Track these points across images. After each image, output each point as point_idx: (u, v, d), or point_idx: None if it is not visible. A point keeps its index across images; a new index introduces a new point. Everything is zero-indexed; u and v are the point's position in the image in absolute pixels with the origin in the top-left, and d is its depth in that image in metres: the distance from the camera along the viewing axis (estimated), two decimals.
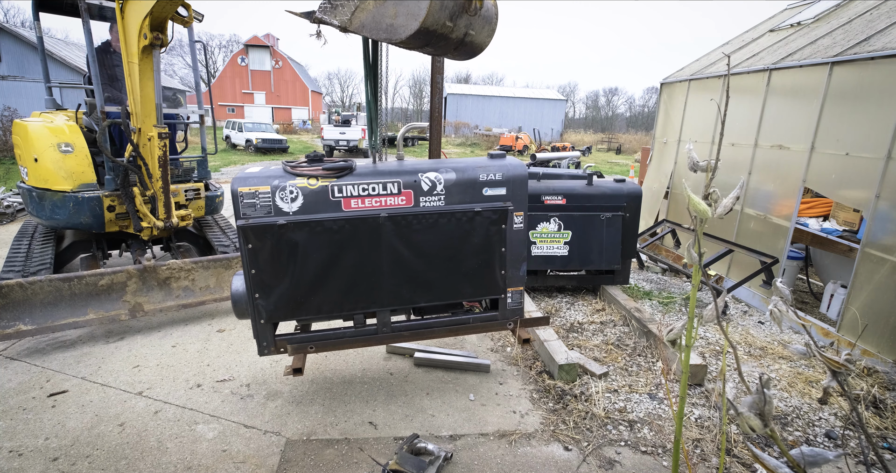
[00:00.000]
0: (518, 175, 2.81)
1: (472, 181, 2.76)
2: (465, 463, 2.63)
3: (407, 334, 2.99)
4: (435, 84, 5.49)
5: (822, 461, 1.34)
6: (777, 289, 1.30)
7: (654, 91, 57.84)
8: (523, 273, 2.97)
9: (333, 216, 2.60)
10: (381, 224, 2.65)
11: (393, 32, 2.36)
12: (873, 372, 3.55)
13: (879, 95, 3.86)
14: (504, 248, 2.86)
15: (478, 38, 2.71)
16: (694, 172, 1.91)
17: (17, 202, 8.35)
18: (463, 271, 2.85)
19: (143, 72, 3.75)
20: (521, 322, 3.10)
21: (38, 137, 4.31)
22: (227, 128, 25.41)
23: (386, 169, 2.72)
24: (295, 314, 2.75)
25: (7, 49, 16.52)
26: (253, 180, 2.55)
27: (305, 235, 2.58)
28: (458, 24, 2.50)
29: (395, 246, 2.70)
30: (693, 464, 2.66)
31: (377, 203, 2.66)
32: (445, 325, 3.02)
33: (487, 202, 2.79)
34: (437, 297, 2.88)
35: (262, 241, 2.55)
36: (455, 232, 2.76)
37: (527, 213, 2.89)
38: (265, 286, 2.63)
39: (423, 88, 57.74)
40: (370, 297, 2.78)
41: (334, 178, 2.61)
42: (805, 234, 4.89)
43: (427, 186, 2.70)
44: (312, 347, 2.88)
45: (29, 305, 3.71)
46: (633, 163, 20.76)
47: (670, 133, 7.13)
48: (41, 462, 2.56)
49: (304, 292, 2.67)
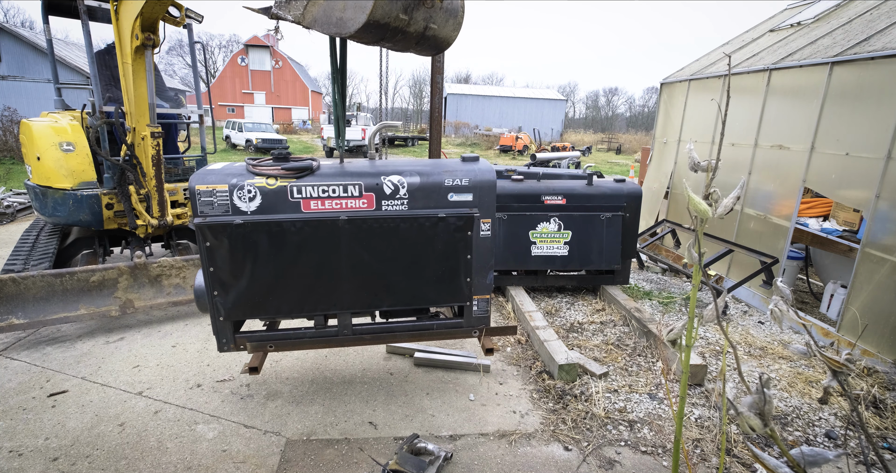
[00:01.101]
0: (485, 181, 2.71)
1: (437, 186, 2.67)
2: (465, 463, 2.63)
3: (368, 337, 2.93)
4: (435, 84, 5.50)
5: (822, 461, 1.34)
6: (777, 289, 1.30)
7: (654, 91, 57.85)
8: (490, 281, 2.89)
9: (292, 217, 2.56)
10: (341, 227, 2.60)
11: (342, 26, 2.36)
12: (873, 372, 3.55)
13: (879, 95, 3.86)
14: (470, 255, 2.77)
15: (441, 32, 2.67)
16: (694, 172, 1.91)
17: (17, 202, 8.36)
18: (426, 277, 2.78)
19: (136, 72, 3.80)
20: (487, 331, 3.03)
21: (42, 136, 4.42)
22: (227, 128, 25.40)
23: (349, 171, 2.67)
24: (253, 313, 2.74)
25: (7, 49, 16.52)
26: (211, 178, 2.53)
27: (263, 235, 2.55)
28: (416, 18, 2.48)
29: (356, 250, 2.65)
30: (693, 464, 2.66)
31: (337, 205, 2.60)
32: (408, 330, 2.97)
33: (453, 208, 2.70)
34: (399, 302, 2.82)
35: (219, 239, 2.54)
36: (418, 238, 2.69)
37: (495, 219, 2.80)
38: (223, 284, 2.63)
39: (423, 88, 57.72)
40: (330, 299, 2.74)
41: (294, 178, 2.56)
42: (805, 234, 4.89)
43: (389, 189, 2.63)
44: (272, 346, 2.88)
45: (22, 299, 3.80)
46: (633, 163, 20.76)
47: (670, 133, 7.13)
48: (41, 462, 2.56)
49: (261, 291, 2.66)
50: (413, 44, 2.69)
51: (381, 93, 5.34)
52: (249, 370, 2.84)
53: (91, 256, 4.92)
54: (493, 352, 2.99)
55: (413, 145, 30.05)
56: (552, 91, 50.40)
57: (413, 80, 72.36)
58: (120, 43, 3.80)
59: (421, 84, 58.70)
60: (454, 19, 2.72)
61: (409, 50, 2.79)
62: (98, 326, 4.19)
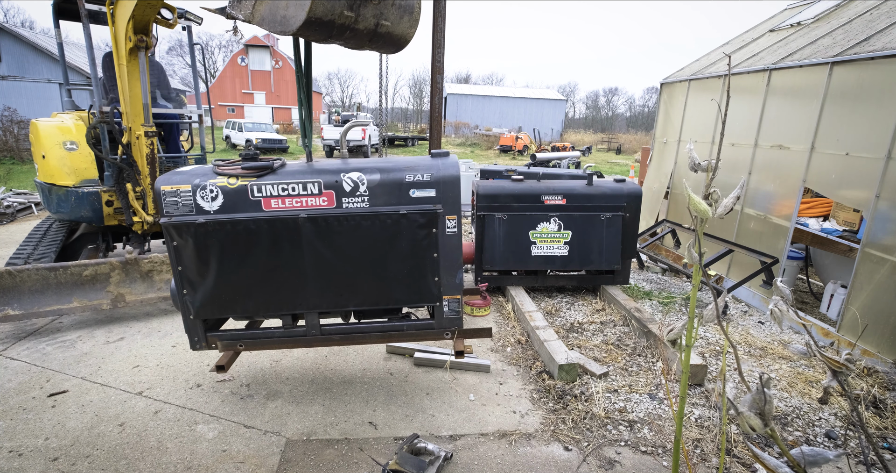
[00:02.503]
0: (448, 176, 2.62)
1: (398, 182, 2.61)
2: (465, 463, 2.63)
3: (337, 337, 2.91)
4: (435, 84, 5.49)
5: (822, 460, 1.34)
6: (778, 289, 1.30)
7: (654, 91, 57.85)
8: (459, 281, 2.80)
9: (253, 216, 2.57)
10: (301, 225, 2.58)
11: (286, 24, 2.39)
12: (873, 372, 3.55)
13: (879, 95, 3.86)
14: (436, 253, 2.69)
15: (396, 28, 2.66)
16: (694, 172, 1.91)
17: (17, 202, 8.36)
18: (392, 276, 2.72)
19: (130, 73, 3.91)
20: (460, 333, 2.92)
21: (47, 135, 4.62)
22: (228, 128, 25.41)
23: (310, 169, 2.67)
24: (221, 312, 2.76)
25: (7, 49, 16.52)
26: (175, 179, 2.57)
27: (225, 234, 2.57)
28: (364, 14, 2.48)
29: (317, 248, 2.63)
30: (693, 464, 2.66)
31: (298, 204, 2.59)
32: (378, 331, 2.92)
33: (415, 204, 2.63)
34: (366, 302, 2.78)
35: (184, 239, 2.58)
36: (381, 235, 2.64)
37: (461, 216, 2.69)
38: (191, 283, 2.66)
39: (423, 88, 57.73)
40: (295, 299, 2.73)
41: (254, 177, 2.57)
42: (805, 234, 4.89)
43: (349, 186, 2.60)
44: (242, 345, 2.90)
45: (17, 291, 3.92)
46: (633, 163, 20.76)
47: (670, 133, 7.13)
48: (41, 462, 2.56)
49: (227, 290, 2.67)
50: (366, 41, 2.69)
51: (381, 93, 5.34)
52: (216, 368, 2.87)
53: (93, 251, 5.08)
54: (463, 355, 2.90)
55: (413, 145, 30.04)
56: (552, 91, 50.40)
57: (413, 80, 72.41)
58: (116, 45, 3.91)
59: (421, 84, 58.72)
60: (409, 16, 2.70)
61: (364, 47, 2.78)
62: (98, 326, 4.19)
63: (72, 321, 4.27)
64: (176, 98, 5.57)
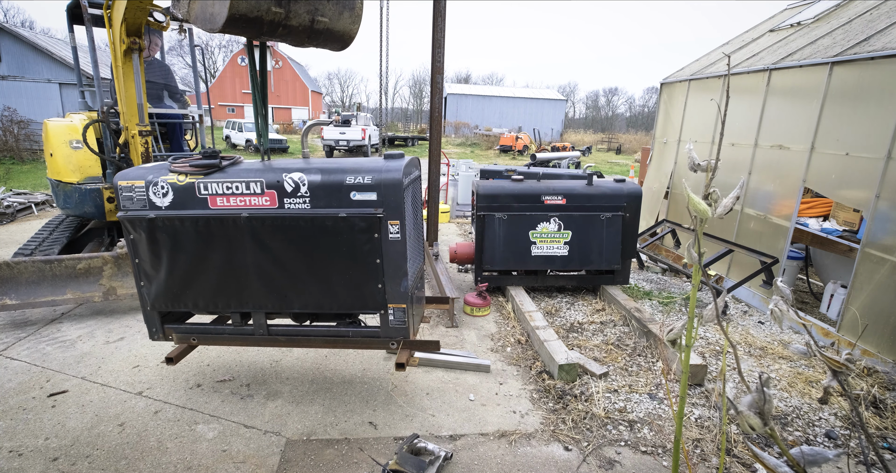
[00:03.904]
0: (390, 180, 2.53)
1: (339, 184, 2.55)
2: (465, 463, 2.63)
3: (283, 339, 2.90)
4: (435, 84, 5.50)
5: (822, 460, 1.34)
6: (777, 289, 1.30)
7: (654, 91, 57.84)
8: (405, 289, 2.68)
9: (199, 213, 2.60)
10: (244, 225, 2.59)
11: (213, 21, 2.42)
12: (873, 372, 3.55)
13: (879, 95, 3.86)
14: (380, 259, 2.61)
15: (336, 25, 2.65)
16: (694, 173, 1.91)
17: (17, 202, 8.35)
18: (334, 281, 2.68)
19: (125, 74, 4.03)
20: (405, 344, 2.82)
21: (55, 134, 4.87)
22: (227, 128, 25.42)
23: (256, 168, 2.66)
24: (174, 305, 2.82)
25: (7, 49, 16.51)
26: (131, 175, 2.65)
27: (174, 230, 2.63)
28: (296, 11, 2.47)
29: (260, 248, 2.63)
30: (693, 464, 2.66)
31: (242, 203, 2.59)
32: (323, 335, 2.89)
33: (355, 208, 2.55)
34: (308, 306, 2.75)
35: (138, 232, 2.67)
36: (322, 238, 2.59)
37: (404, 222, 2.57)
38: (147, 276, 2.76)
39: (423, 88, 57.74)
40: (241, 297, 2.75)
41: (201, 175, 2.60)
42: (805, 234, 4.89)
43: (290, 187, 2.56)
44: (195, 338, 2.96)
45: (15, 282, 4.09)
46: (633, 163, 20.76)
47: (670, 133, 7.13)
48: (41, 462, 2.56)
49: (178, 284, 2.74)
50: (305, 38, 2.69)
51: (380, 93, 5.35)
52: (166, 360, 2.94)
53: (96, 245, 5.32)
54: (403, 368, 2.77)
55: (413, 145, 30.05)
56: (552, 91, 50.39)
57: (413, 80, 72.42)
58: (113, 47, 3.99)
59: (421, 84, 58.74)
60: (350, 12, 2.69)
61: (305, 44, 2.78)
62: (98, 326, 4.20)
63: (72, 321, 4.27)
64: (182, 99, 5.67)
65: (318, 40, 2.72)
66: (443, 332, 4.26)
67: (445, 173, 10.64)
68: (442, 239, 7.32)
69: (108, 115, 4.36)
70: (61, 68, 16.74)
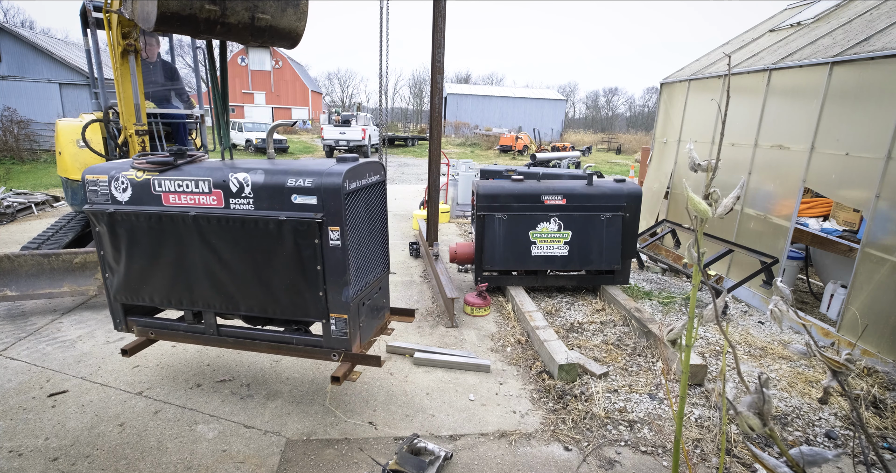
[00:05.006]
0: (330, 184, 2.43)
1: (280, 186, 2.49)
2: (465, 463, 2.63)
3: (231, 340, 2.90)
4: (435, 84, 5.50)
5: (821, 460, 1.34)
6: (777, 289, 1.30)
7: (654, 91, 57.84)
8: (346, 299, 2.59)
9: (153, 210, 2.65)
10: (191, 223, 2.60)
11: (148, 20, 2.48)
12: (873, 372, 3.55)
13: (879, 95, 3.86)
14: (320, 266, 2.53)
15: (280, 22, 2.65)
16: (694, 172, 1.91)
17: (17, 202, 8.35)
18: (276, 286, 2.63)
19: (123, 75, 4.12)
20: (346, 357, 2.74)
21: (63, 133, 5.16)
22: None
23: (208, 167, 2.66)
24: (133, 298, 2.89)
25: (7, 49, 16.50)
26: (97, 170, 2.75)
27: (131, 225, 2.69)
28: (233, 8, 2.48)
29: (206, 248, 2.63)
30: (693, 464, 2.66)
31: (191, 201, 2.61)
32: (268, 340, 2.86)
33: (295, 211, 2.49)
34: (253, 309, 2.72)
35: (101, 225, 2.76)
36: (264, 241, 2.54)
37: (344, 228, 2.48)
38: (110, 268, 2.86)
39: (423, 88, 57.72)
40: (192, 296, 2.77)
41: (157, 172, 2.64)
42: (805, 234, 4.89)
43: (235, 187, 2.54)
44: (153, 333, 3.03)
45: (15, 275, 4.26)
46: (633, 163, 20.76)
47: (670, 133, 7.13)
48: (41, 462, 2.56)
49: (135, 278, 2.81)
50: (248, 36, 2.70)
51: (381, 93, 5.35)
52: (121, 351, 3.00)
53: None
54: (339, 381, 2.66)
55: (413, 145, 30.04)
56: (552, 91, 50.39)
57: (413, 80, 72.42)
58: (112, 49, 4.06)
59: (421, 84, 58.72)
60: (294, 9, 2.68)
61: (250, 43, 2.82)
62: (98, 326, 4.20)
63: (72, 321, 4.27)
64: (188, 99, 5.79)
65: (264, 38, 2.73)
66: (443, 332, 4.26)
67: (445, 173, 10.64)
68: (442, 239, 7.32)
69: (108, 115, 4.45)
70: (61, 68, 16.73)
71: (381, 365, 2.79)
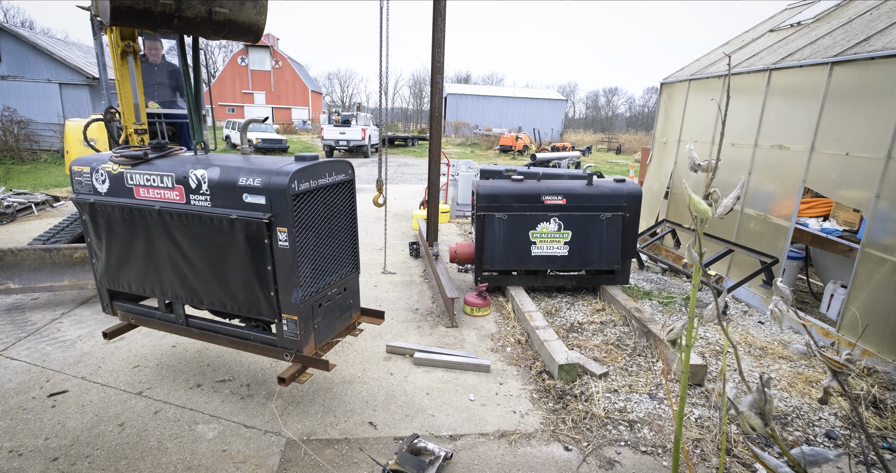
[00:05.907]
0: (277, 185, 2.40)
1: (232, 185, 2.49)
2: (465, 463, 2.63)
3: (197, 332, 3.00)
4: (435, 84, 5.50)
5: (822, 460, 1.34)
6: (777, 289, 1.30)
7: (654, 91, 57.84)
8: (296, 301, 2.56)
9: (125, 202, 2.74)
10: (157, 217, 2.68)
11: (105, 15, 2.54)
12: (873, 372, 3.55)
13: (879, 95, 3.86)
14: (271, 266, 2.53)
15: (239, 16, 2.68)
16: (694, 172, 1.91)
17: (17, 202, 8.35)
18: (232, 283, 2.65)
19: (122, 76, 4.16)
20: (297, 358, 2.71)
21: (71, 133, 5.37)
22: (227, 128, 25.43)
23: (174, 162, 2.70)
24: (113, 284, 3.04)
25: (7, 49, 16.48)
26: (83, 161, 2.86)
27: (108, 215, 2.81)
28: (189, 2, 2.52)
29: (171, 242, 2.71)
30: (693, 464, 2.66)
31: (158, 195, 2.69)
32: (228, 335, 2.91)
33: (246, 210, 2.48)
34: (212, 303, 2.78)
35: (84, 214, 2.90)
36: (218, 238, 2.57)
37: (292, 229, 2.45)
38: (95, 254, 3.02)
39: (423, 88, 57.74)
40: (161, 286, 2.88)
41: (129, 166, 2.72)
42: (805, 234, 4.89)
43: (194, 183, 2.57)
44: (133, 318, 3.17)
45: (18, 268, 4.40)
46: (633, 163, 20.76)
47: (670, 133, 7.13)
48: (41, 462, 2.56)
49: (114, 265, 2.95)
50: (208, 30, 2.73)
51: (381, 93, 5.35)
52: (102, 334, 3.14)
53: None
54: (285, 382, 2.64)
55: (413, 145, 30.03)
56: (552, 91, 50.38)
57: (413, 80, 72.44)
58: (112, 51, 4.07)
59: (421, 84, 58.74)
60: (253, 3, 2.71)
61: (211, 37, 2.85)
62: (98, 326, 4.19)
63: (72, 321, 4.27)
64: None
65: (224, 32, 2.76)
66: (443, 332, 4.26)
67: (445, 173, 10.64)
68: (442, 239, 7.32)
69: (108, 114, 4.48)
70: (61, 68, 16.71)
71: (330, 370, 2.80)
